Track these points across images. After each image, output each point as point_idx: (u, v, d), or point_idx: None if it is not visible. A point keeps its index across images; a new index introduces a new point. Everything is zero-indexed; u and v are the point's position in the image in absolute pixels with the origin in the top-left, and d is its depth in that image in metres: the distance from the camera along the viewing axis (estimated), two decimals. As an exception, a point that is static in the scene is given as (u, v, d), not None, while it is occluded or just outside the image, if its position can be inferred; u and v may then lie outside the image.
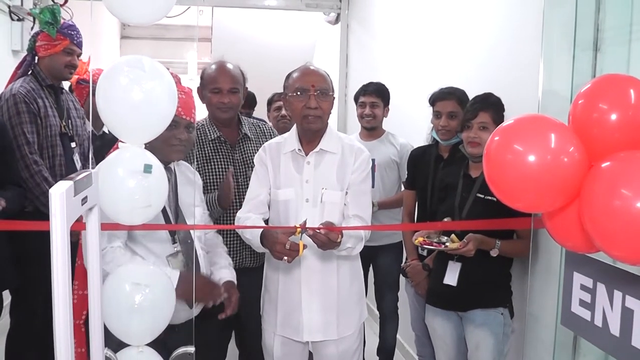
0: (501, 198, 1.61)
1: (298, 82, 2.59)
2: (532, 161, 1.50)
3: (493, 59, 3.33)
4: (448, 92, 3.28)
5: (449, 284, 2.87)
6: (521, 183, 1.52)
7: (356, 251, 2.60)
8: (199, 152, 3.11)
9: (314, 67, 2.66)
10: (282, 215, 2.65)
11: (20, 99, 3.20)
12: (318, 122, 2.59)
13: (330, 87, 2.62)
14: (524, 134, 1.54)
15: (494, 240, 2.72)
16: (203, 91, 3.18)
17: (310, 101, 2.54)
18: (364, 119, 4.03)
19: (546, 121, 1.58)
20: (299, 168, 2.64)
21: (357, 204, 2.63)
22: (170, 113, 2.05)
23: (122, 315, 2.05)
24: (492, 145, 1.58)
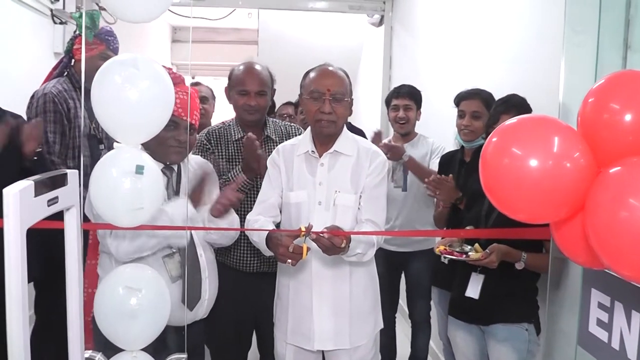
0: (500, 207, 1.46)
1: (314, 84, 2.51)
2: (532, 167, 1.35)
3: (533, 62, 3.19)
4: (473, 92, 3.18)
5: (470, 296, 2.73)
6: (519, 191, 1.37)
7: (367, 257, 2.48)
8: (222, 152, 3.06)
9: (332, 68, 2.56)
10: (293, 218, 2.56)
11: (50, 98, 3.24)
12: (332, 127, 2.50)
13: (347, 91, 2.52)
14: (523, 136, 1.39)
15: (520, 252, 2.57)
16: (230, 92, 3.12)
17: (324, 106, 2.46)
18: (397, 123, 3.91)
19: (550, 123, 1.43)
20: (312, 170, 2.56)
21: (371, 208, 2.53)
22: (166, 113, 1.98)
23: (115, 320, 1.99)
24: (488, 148, 1.44)
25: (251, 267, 3.05)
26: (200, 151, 3.03)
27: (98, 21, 3.26)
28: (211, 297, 2.55)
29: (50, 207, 1.45)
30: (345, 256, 2.37)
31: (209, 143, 3.06)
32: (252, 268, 3.04)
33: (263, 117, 3.14)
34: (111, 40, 3.37)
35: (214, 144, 3.06)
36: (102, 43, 3.33)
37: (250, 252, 3.01)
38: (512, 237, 2.44)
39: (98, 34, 3.31)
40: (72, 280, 1.66)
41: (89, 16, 3.21)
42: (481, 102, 3.10)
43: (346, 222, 2.47)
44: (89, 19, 3.20)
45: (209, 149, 3.04)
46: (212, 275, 2.55)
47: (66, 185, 1.55)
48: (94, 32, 3.24)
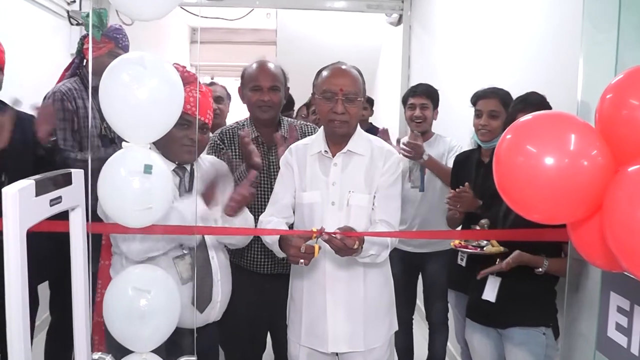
0: (514, 207, 1.41)
1: (326, 83, 2.47)
2: (547, 165, 1.29)
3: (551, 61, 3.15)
4: (491, 90, 3.12)
5: (487, 299, 2.68)
6: (534, 190, 1.32)
7: (381, 258, 2.44)
8: (236, 151, 3.02)
9: (345, 67, 2.51)
10: (306, 218, 2.52)
11: (58, 97, 3.23)
12: (344, 127, 2.46)
13: (360, 91, 2.47)
14: (539, 133, 1.33)
15: (542, 258, 2.52)
16: (243, 90, 3.09)
17: (337, 106, 2.42)
18: (413, 122, 3.85)
19: (566, 119, 1.37)
20: (325, 170, 2.52)
21: (385, 208, 2.49)
22: (175, 112, 1.95)
23: (124, 321, 1.96)
24: (502, 146, 1.39)
25: (265, 268, 3.02)
26: (213, 151, 3.01)
27: (106, 19, 3.25)
28: (223, 300, 2.51)
29: (53, 207, 1.42)
30: (358, 257, 2.33)
31: (222, 143, 3.03)
32: (266, 269, 3.01)
33: (277, 115, 3.11)
34: (120, 38, 3.33)
35: (227, 144, 3.03)
36: (111, 41, 3.29)
37: (264, 253, 2.98)
38: (529, 239, 2.38)
39: (106, 33, 3.28)
40: (78, 281, 1.63)
41: (97, 14, 3.19)
42: (499, 101, 3.04)
43: (360, 222, 2.43)
44: (97, 17, 3.18)
45: (222, 148, 3.02)
46: (224, 278, 2.51)
47: (70, 185, 1.53)
48: (102, 31, 3.22)
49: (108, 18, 3.37)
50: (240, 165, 2.93)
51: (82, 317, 1.61)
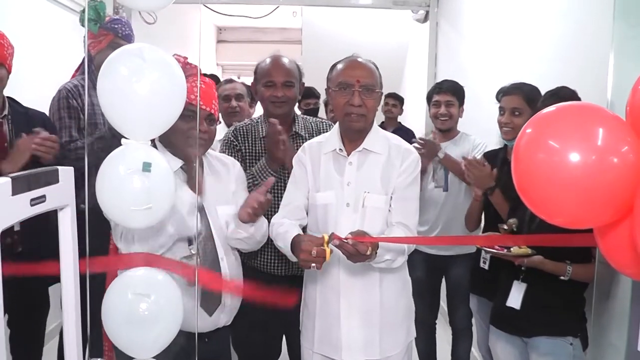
0: (534, 210, 1.28)
1: (341, 75, 2.35)
2: (572, 162, 1.16)
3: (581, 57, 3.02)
4: (514, 87, 2.99)
5: (512, 306, 2.55)
6: (556, 191, 1.18)
7: (397, 264, 2.32)
8: (249, 149, 2.93)
9: (360, 60, 2.40)
10: (320, 220, 2.41)
11: (64, 94, 3.16)
12: (362, 120, 2.34)
13: (377, 83, 2.36)
14: (562, 127, 1.19)
15: (564, 266, 2.41)
16: (257, 86, 2.99)
17: (353, 98, 2.30)
18: (438, 120, 3.72)
19: (593, 111, 1.23)
20: (340, 169, 2.40)
21: (402, 210, 2.36)
22: (176, 107, 1.84)
23: (123, 327, 1.86)
24: (521, 141, 1.25)
25: (279, 270, 2.92)
26: (227, 148, 2.92)
27: (103, 13, 3.14)
28: (234, 303, 2.42)
29: (34, 207, 1.32)
30: (372, 263, 2.22)
31: (235, 140, 2.93)
32: (280, 271, 2.92)
33: (291, 112, 3.00)
34: (118, 28, 3.22)
35: (241, 141, 2.93)
36: (109, 33, 3.19)
37: (278, 256, 2.88)
38: (556, 244, 2.24)
39: (103, 25, 3.18)
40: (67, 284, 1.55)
41: (93, 8, 3.10)
42: (522, 97, 2.91)
43: (375, 224, 2.32)
44: (93, 11, 3.09)
45: (236, 145, 2.92)
46: (235, 280, 2.42)
47: (57, 183, 1.43)
48: (99, 24, 3.14)
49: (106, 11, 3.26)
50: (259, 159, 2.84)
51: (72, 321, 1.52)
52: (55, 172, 1.41)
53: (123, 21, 3.23)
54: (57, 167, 1.43)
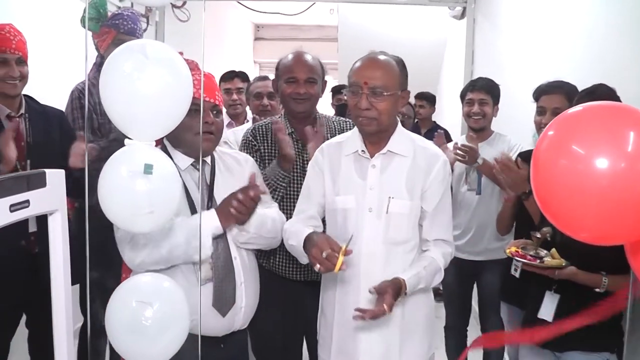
0: (557, 223, 1.14)
1: (353, 75, 2.21)
2: (598, 170, 1.02)
3: (623, 56, 2.89)
4: (555, 85, 2.84)
5: (543, 318, 2.41)
6: (580, 202, 1.05)
7: (436, 282, 2.24)
8: (268, 149, 2.84)
9: (377, 58, 2.23)
10: (340, 226, 2.29)
11: (76, 95, 3.13)
12: (373, 124, 2.18)
13: (391, 84, 2.18)
14: (588, 130, 1.06)
15: (600, 278, 2.25)
16: (278, 82, 2.90)
17: (360, 101, 2.16)
18: (471, 118, 3.59)
19: (623, 112, 1.09)
20: (362, 172, 2.26)
21: (438, 224, 2.25)
22: (182, 105, 1.77)
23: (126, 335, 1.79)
24: (542, 144, 1.11)
25: (297, 274, 2.82)
26: (245, 148, 2.84)
27: (104, 10, 3.07)
28: (249, 305, 2.33)
29: (15, 213, 1.24)
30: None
31: (254, 139, 2.84)
32: (298, 276, 2.82)
33: (313, 110, 2.90)
34: (120, 24, 3.13)
35: (260, 140, 2.84)
36: (111, 29, 3.11)
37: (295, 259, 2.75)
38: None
39: (105, 22, 3.11)
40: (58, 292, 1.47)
41: (93, 7, 3.03)
42: (564, 97, 2.76)
43: (401, 231, 2.21)
44: (93, 10, 3.02)
45: (255, 145, 2.83)
46: (250, 281, 2.32)
47: (44, 187, 1.34)
48: (101, 22, 3.06)
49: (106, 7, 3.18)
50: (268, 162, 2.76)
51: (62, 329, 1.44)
52: (42, 176, 1.33)
53: (125, 15, 3.15)
54: (44, 171, 1.34)
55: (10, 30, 2.74)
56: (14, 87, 2.74)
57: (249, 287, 2.31)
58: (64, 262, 1.45)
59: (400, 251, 2.22)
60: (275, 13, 8.50)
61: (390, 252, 2.21)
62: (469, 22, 6.00)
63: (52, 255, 1.45)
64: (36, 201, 1.31)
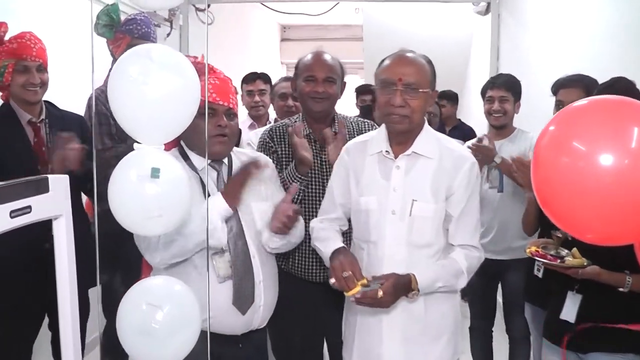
0: (560, 224, 1.10)
1: (385, 72, 2.16)
2: (600, 167, 0.98)
3: None
4: (574, 79, 2.81)
5: (566, 319, 2.36)
6: (582, 201, 1.00)
7: (460, 285, 2.19)
8: (285, 151, 2.82)
9: (408, 55, 2.20)
10: (363, 227, 2.25)
11: (91, 102, 3.13)
12: (405, 122, 2.14)
13: (424, 81, 2.15)
14: (590, 125, 1.01)
15: (623, 275, 2.20)
16: (297, 81, 2.87)
17: (394, 97, 2.10)
18: (492, 116, 3.53)
19: (629, 107, 1.04)
20: (386, 173, 2.21)
21: (463, 229, 2.20)
22: (189, 108, 1.75)
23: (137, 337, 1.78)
24: (542, 140, 1.07)
25: (318, 276, 2.79)
26: (262, 149, 2.82)
27: (117, 16, 3.06)
28: (268, 303, 2.32)
29: (15, 219, 1.24)
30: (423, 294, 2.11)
31: (272, 141, 2.83)
32: (318, 277, 2.79)
33: (331, 110, 2.86)
34: (133, 29, 3.14)
35: (277, 142, 2.82)
36: (125, 35, 3.12)
37: (316, 260, 2.75)
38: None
39: (118, 28, 3.11)
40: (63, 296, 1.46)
41: (106, 14, 3.03)
42: (583, 91, 2.71)
43: (424, 234, 2.16)
44: (106, 16, 3.02)
45: (272, 147, 2.81)
46: (268, 280, 2.32)
47: (47, 193, 1.34)
48: (115, 29, 3.07)
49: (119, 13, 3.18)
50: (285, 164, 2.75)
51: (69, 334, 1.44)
52: (45, 181, 1.33)
53: (138, 19, 3.16)
54: (47, 176, 1.35)
55: (30, 38, 2.78)
56: (35, 94, 2.79)
57: (268, 285, 2.30)
58: (69, 267, 1.46)
59: (423, 255, 2.18)
60: (298, 13, 8.49)
61: (413, 255, 2.16)
62: (494, 17, 5.94)
63: (57, 260, 1.46)
64: (38, 207, 1.32)
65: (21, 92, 2.76)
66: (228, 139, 2.24)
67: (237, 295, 2.20)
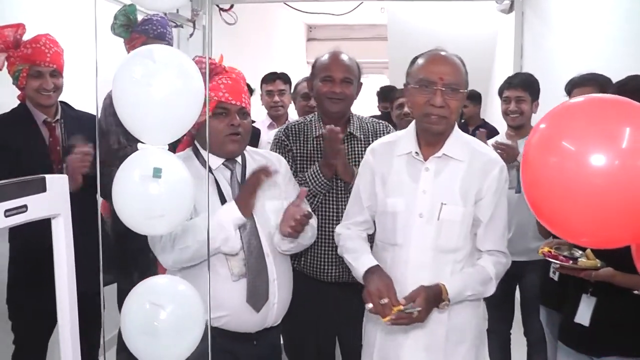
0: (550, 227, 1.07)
1: (423, 71, 2.11)
2: (591, 168, 0.95)
3: None
4: (588, 77, 2.77)
5: (580, 322, 2.32)
6: (572, 203, 0.97)
7: (489, 292, 2.17)
8: (301, 149, 2.82)
9: (445, 54, 2.15)
10: (388, 228, 2.21)
11: (108, 102, 3.14)
12: (443, 123, 2.09)
13: (462, 81, 2.11)
14: (581, 124, 0.98)
15: (639, 277, 2.11)
16: (313, 81, 2.86)
17: (435, 97, 2.05)
18: (509, 116, 3.50)
19: (623, 106, 1.01)
20: (414, 175, 2.17)
21: (492, 235, 2.16)
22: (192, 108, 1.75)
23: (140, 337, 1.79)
24: (532, 140, 1.05)
25: (331, 276, 2.77)
26: (277, 148, 2.82)
27: (134, 16, 3.07)
28: (282, 301, 2.32)
29: (10, 218, 1.25)
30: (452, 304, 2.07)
31: (287, 139, 2.82)
32: (331, 277, 2.77)
33: (347, 111, 2.85)
34: (149, 29, 3.13)
35: (293, 141, 2.82)
36: (141, 35, 3.11)
37: (329, 260, 2.75)
38: None
39: (135, 29, 3.12)
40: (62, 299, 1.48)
41: (123, 14, 3.04)
42: (597, 89, 2.66)
43: (451, 239, 2.12)
44: (123, 17, 3.03)
45: (287, 145, 2.81)
46: (282, 277, 2.32)
47: (44, 192, 1.35)
48: (131, 29, 3.08)
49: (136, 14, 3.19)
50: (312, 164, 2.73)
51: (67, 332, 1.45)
52: (42, 181, 1.34)
53: (154, 20, 3.16)
54: (44, 176, 1.36)
55: (45, 43, 2.80)
56: (48, 98, 2.83)
57: (282, 283, 2.30)
58: (68, 265, 1.47)
59: (450, 260, 2.14)
60: (322, 13, 8.48)
61: (440, 260, 2.12)
62: (517, 16, 5.86)
63: (55, 259, 1.46)
64: (35, 206, 1.33)
65: (35, 96, 2.80)
66: (241, 138, 2.24)
67: (251, 293, 2.20)
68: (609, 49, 3.63)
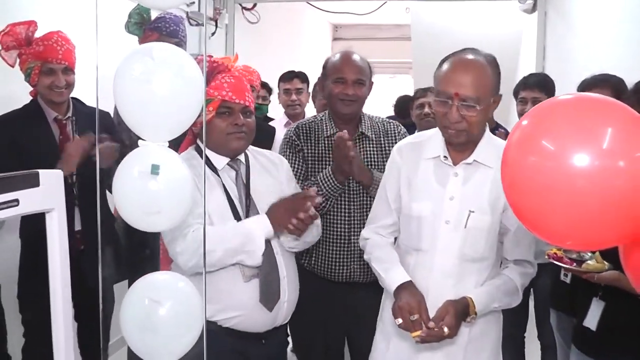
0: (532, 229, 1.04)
1: (442, 83, 2.00)
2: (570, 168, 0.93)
3: None
4: (600, 78, 2.71)
5: (588, 327, 2.28)
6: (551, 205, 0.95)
7: (516, 302, 2.12)
8: (312, 149, 2.80)
9: (470, 59, 2.01)
10: (413, 233, 2.14)
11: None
12: (462, 136, 2.01)
13: (484, 93, 1.97)
14: (561, 124, 0.96)
15: None
16: (325, 82, 2.85)
17: (451, 113, 1.96)
18: (525, 118, 3.41)
19: (606, 106, 0.99)
20: (443, 180, 2.10)
21: (520, 244, 2.10)
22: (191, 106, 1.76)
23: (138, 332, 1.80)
24: (513, 137, 1.02)
25: (340, 276, 2.76)
26: (288, 147, 2.80)
27: (147, 15, 3.10)
28: (291, 299, 2.31)
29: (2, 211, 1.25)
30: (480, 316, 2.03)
31: (297, 139, 2.81)
32: (340, 277, 2.76)
33: (359, 112, 2.83)
34: (162, 26, 3.15)
35: (303, 140, 2.80)
36: (153, 32, 3.13)
37: (338, 260, 2.74)
38: None
39: (148, 26, 3.14)
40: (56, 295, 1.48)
41: (137, 13, 3.06)
42: (610, 90, 2.58)
43: (478, 247, 2.06)
44: (138, 16, 3.06)
45: (297, 145, 2.79)
46: (291, 276, 2.30)
47: (37, 187, 1.36)
48: (144, 27, 3.09)
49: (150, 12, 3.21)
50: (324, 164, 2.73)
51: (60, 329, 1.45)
52: (35, 176, 1.35)
53: (167, 18, 3.18)
54: (37, 171, 1.37)
55: (57, 40, 2.84)
56: (60, 95, 2.87)
57: (291, 281, 2.29)
58: (61, 260, 1.47)
59: (475, 269, 2.09)
60: (345, 13, 8.46)
61: (465, 268, 2.07)
62: (540, 15, 5.79)
63: (49, 253, 1.47)
64: (27, 200, 1.34)
65: (47, 93, 2.84)
66: (245, 135, 2.23)
67: (264, 293, 2.19)
68: (632, 49, 3.57)
